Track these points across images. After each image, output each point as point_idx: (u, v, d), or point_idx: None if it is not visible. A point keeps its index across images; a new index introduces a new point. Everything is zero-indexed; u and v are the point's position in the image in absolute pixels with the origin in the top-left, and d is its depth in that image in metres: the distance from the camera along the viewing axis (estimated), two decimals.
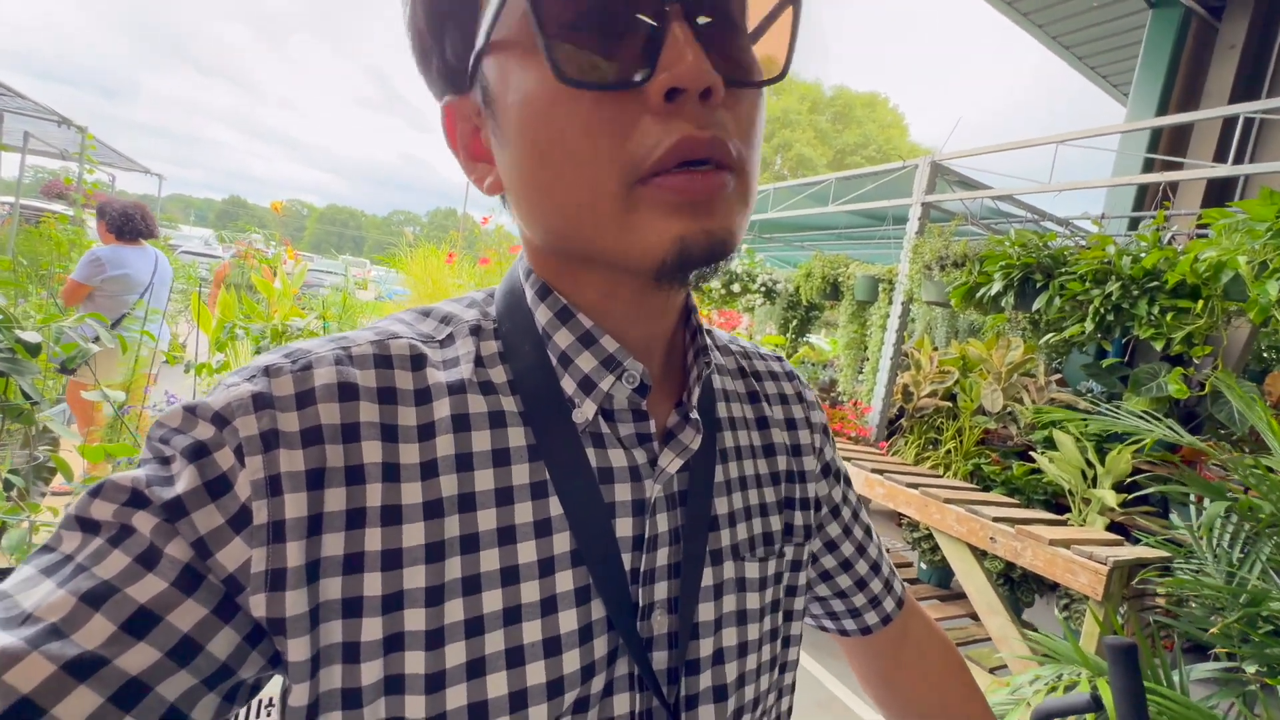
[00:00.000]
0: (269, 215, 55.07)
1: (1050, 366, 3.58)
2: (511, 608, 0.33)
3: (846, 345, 4.26)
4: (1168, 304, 2.17)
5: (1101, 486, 2.67)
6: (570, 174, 0.31)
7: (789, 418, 0.50)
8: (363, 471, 0.32)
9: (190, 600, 0.28)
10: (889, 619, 0.56)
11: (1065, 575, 1.73)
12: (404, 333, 0.37)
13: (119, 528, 0.28)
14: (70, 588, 0.27)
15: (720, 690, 0.39)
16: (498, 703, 0.32)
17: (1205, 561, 1.54)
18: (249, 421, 0.30)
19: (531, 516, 0.35)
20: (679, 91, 0.29)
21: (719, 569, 0.40)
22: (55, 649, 0.25)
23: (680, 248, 0.31)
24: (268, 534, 0.29)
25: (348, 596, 0.30)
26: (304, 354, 0.34)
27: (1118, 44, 5.09)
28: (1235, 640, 1.38)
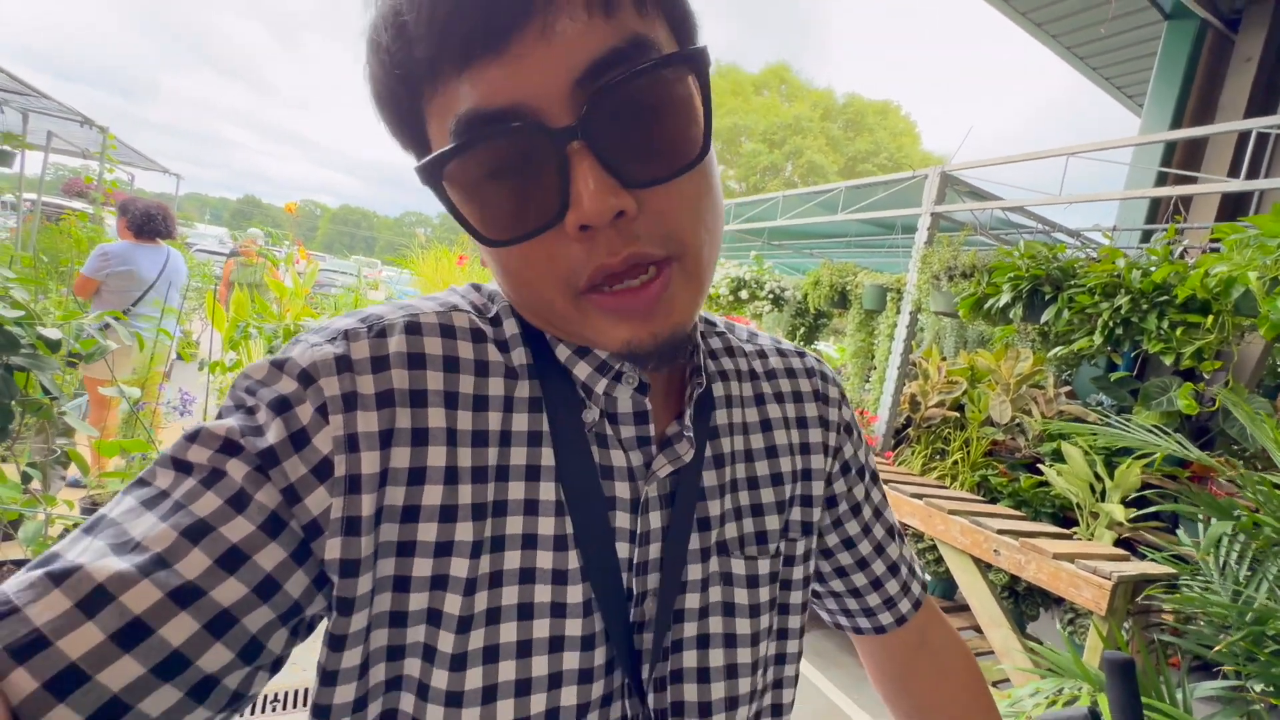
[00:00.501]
0: (283, 215, 55.54)
1: (1060, 379, 3.56)
2: (527, 569, 0.37)
3: (854, 354, 4.25)
4: (1178, 318, 2.15)
5: (1110, 501, 2.64)
6: (525, 288, 0.36)
7: (800, 416, 0.51)
8: (427, 434, 0.36)
9: (274, 543, 0.31)
10: (903, 620, 0.56)
11: (1069, 590, 1.72)
12: (463, 305, 0.41)
13: (210, 471, 0.31)
14: (172, 522, 0.30)
15: (704, 673, 0.42)
16: (507, 648, 0.36)
17: (1211, 579, 1.53)
18: (332, 382, 0.34)
19: (552, 496, 0.39)
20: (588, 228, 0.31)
21: (706, 564, 0.43)
22: (162, 577, 0.28)
23: (629, 350, 0.35)
24: (345, 485, 0.33)
25: (404, 540, 0.35)
26: (378, 319, 0.37)
27: (1132, 55, 5.06)
28: (1241, 659, 1.37)
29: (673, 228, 0.34)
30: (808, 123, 29.51)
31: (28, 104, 5.37)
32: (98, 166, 5.46)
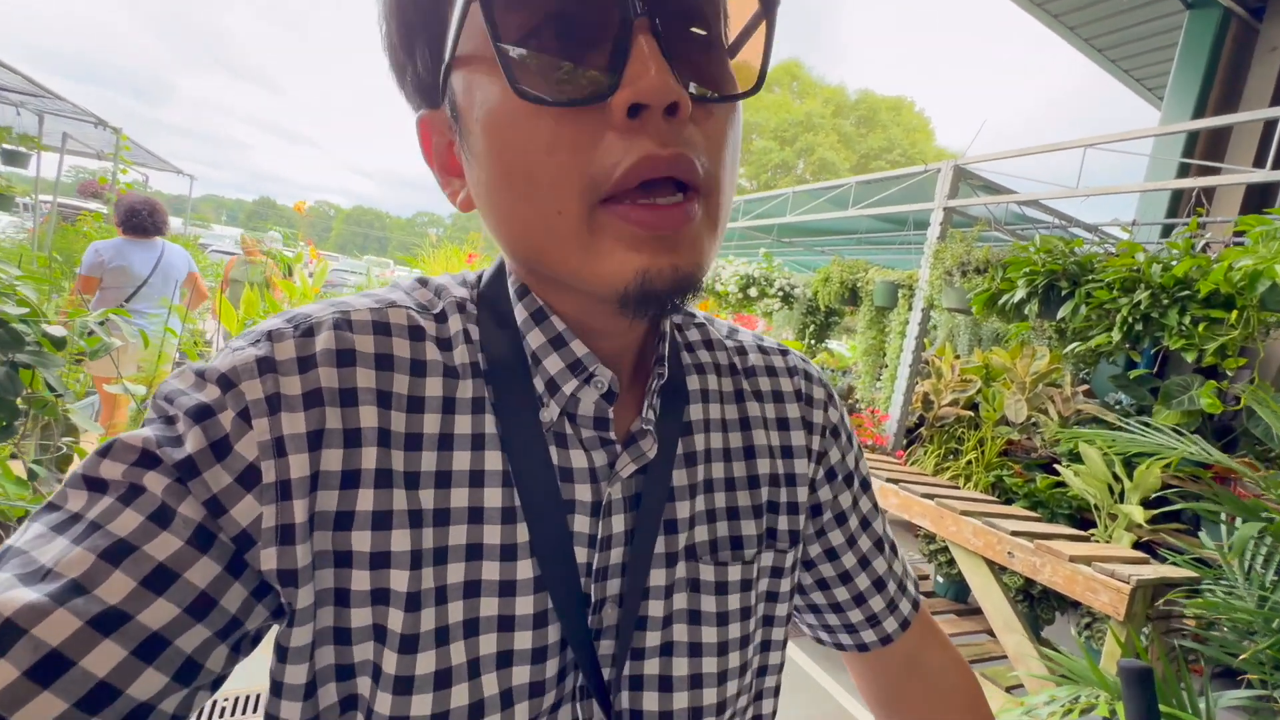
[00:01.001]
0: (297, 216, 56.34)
1: (1077, 377, 3.48)
2: (472, 581, 0.35)
3: (865, 352, 4.19)
4: (1200, 314, 2.08)
5: (1129, 502, 2.57)
6: (532, 193, 0.31)
7: (781, 417, 0.48)
8: (359, 435, 0.33)
9: (205, 558, 0.29)
10: (889, 640, 0.52)
11: (1086, 593, 1.66)
12: (402, 301, 0.38)
13: (128, 487, 0.29)
14: (88, 545, 0.27)
15: (665, 680, 0.40)
16: (459, 669, 0.34)
17: (1236, 583, 1.47)
18: (255, 385, 0.32)
19: (500, 502, 0.36)
20: (642, 107, 0.28)
21: (672, 570, 0.41)
22: (80, 605, 0.26)
23: (642, 281, 0.30)
24: (276, 492, 0.31)
25: (339, 549, 0.32)
26: (305, 318, 0.35)
27: (1152, 46, 4.94)
28: (1267, 667, 1.31)
29: (711, 157, 0.31)
30: (819, 119, 29.30)
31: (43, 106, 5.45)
32: (113, 168, 5.53)
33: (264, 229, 6.13)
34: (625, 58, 0.28)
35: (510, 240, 0.35)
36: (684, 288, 0.31)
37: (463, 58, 0.32)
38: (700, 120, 0.31)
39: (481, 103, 0.31)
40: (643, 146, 0.29)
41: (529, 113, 0.29)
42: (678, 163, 0.29)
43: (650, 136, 0.29)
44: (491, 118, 0.31)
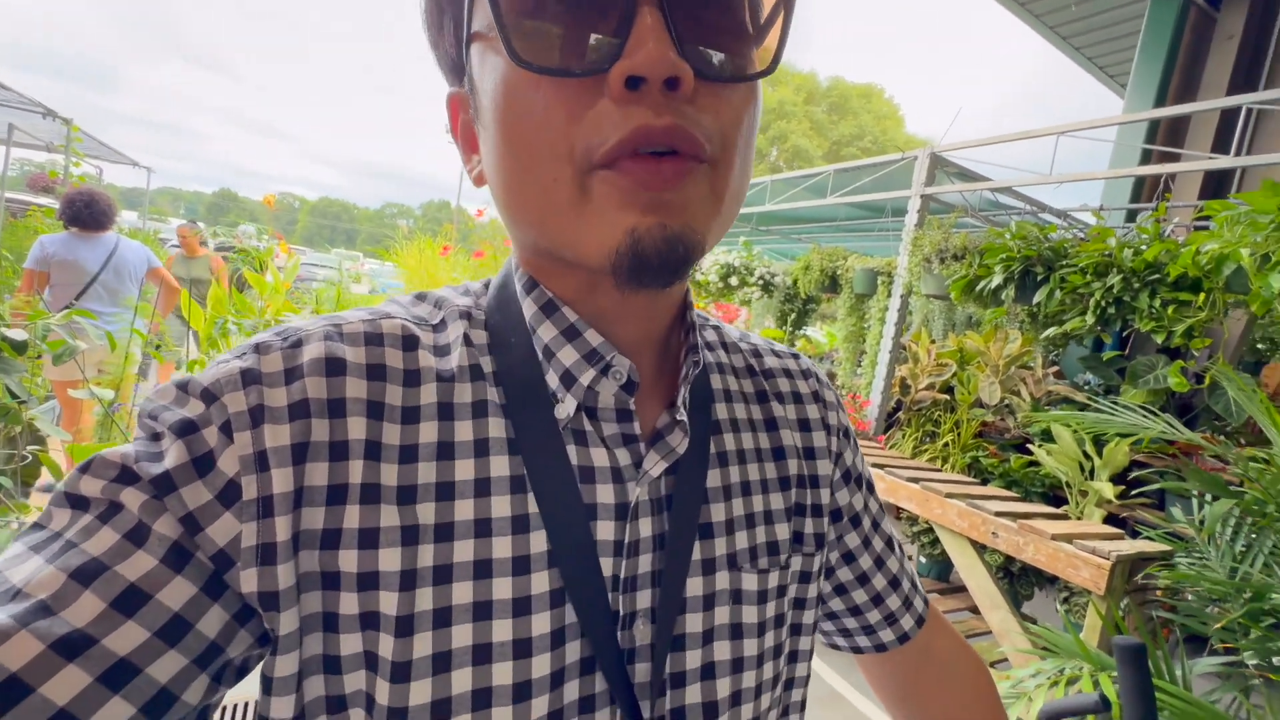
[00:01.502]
0: (260, 208, 54.70)
1: (1048, 359, 3.58)
2: (482, 602, 0.32)
3: (845, 338, 4.25)
4: (1169, 297, 2.16)
5: (1099, 479, 2.67)
6: (531, 162, 0.30)
7: (802, 418, 0.48)
8: (346, 447, 0.32)
9: (179, 578, 0.28)
10: (906, 638, 0.53)
11: (1068, 570, 1.72)
12: (397, 314, 0.37)
13: (108, 504, 0.28)
14: (60, 564, 0.26)
15: (710, 707, 0.37)
16: (461, 699, 0.31)
17: (1207, 555, 1.54)
18: (237, 398, 0.30)
19: (509, 511, 0.34)
20: (640, 80, 0.28)
21: (711, 579, 0.39)
22: (44, 627, 0.25)
23: (632, 241, 0.29)
24: (258, 509, 0.29)
25: (326, 570, 0.31)
26: (295, 331, 0.34)
27: (1116, 34, 5.07)
28: (1237, 634, 1.38)
29: (722, 136, 0.31)
30: (792, 107, 29.43)
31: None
32: (63, 160, 5.27)
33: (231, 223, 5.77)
34: (629, 31, 0.28)
35: (515, 213, 0.34)
36: (677, 250, 0.30)
37: (477, 32, 0.32)
38: (708, 100, 0.30)
39: (490, 74, 0.31)
40: (639, 115, 0.28)
41: (529, 83, 0.29)
42: (674, 133, 0.29)
43: (646, 107, 0.28)
44: (497, 89, 0.31)
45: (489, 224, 5.72)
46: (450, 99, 0.38)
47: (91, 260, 2.90)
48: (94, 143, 6.67)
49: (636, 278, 0.30)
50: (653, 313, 0.38)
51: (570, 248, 0.32)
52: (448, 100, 0.38)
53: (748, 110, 0.32)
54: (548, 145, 0.30)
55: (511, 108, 0.30)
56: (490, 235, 5.29)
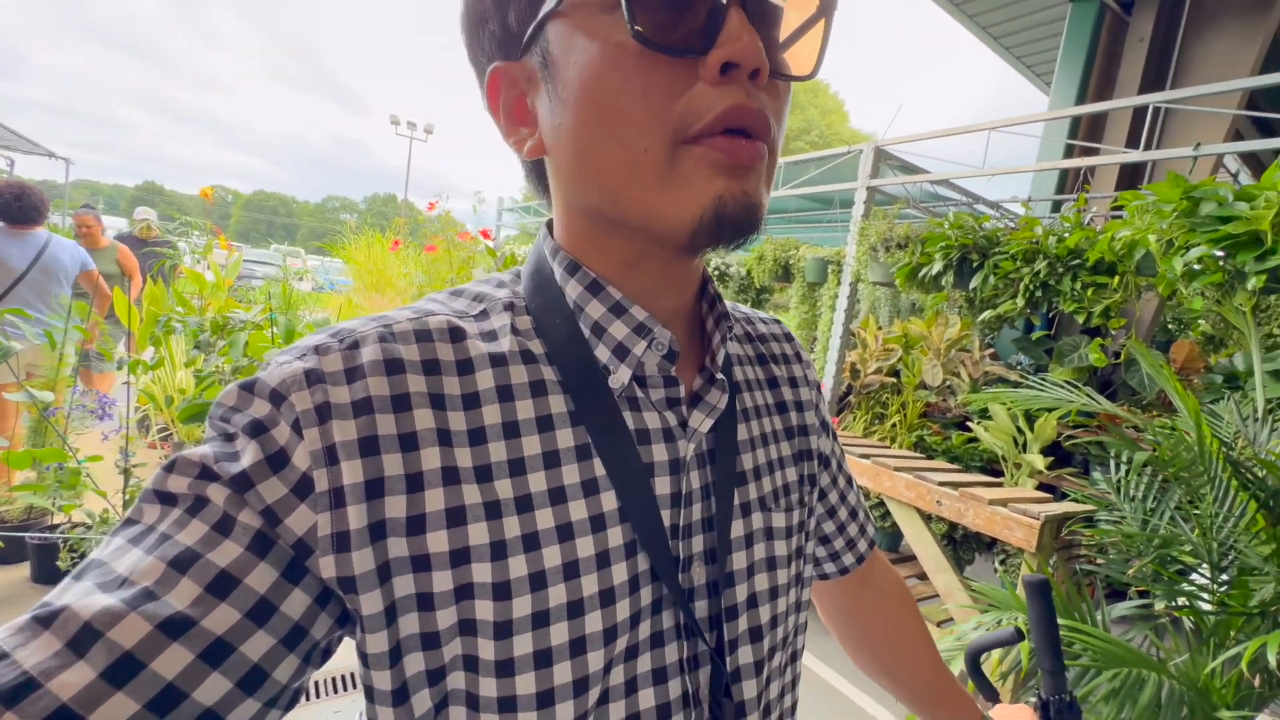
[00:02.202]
0: (190, 201, 51.35)
1: (984, 342, 3.81)
2: (570, 562, 0.35)
3: (798, 326, 4.40)
4: (1089, 280, 2.35)
5: (1031, 451, 2.88)
6: (622, 131, 0.33)
7: (792, 376, 0.54)
8: (416, 438, 0.34)
9: (264, 563, 0.30)
10: (862, 559, 0.61)
11: (1003, 531, 1.87)
12: (440, 310, 0.39)
13: (194, 499, 0.30)
14: (158, 554, 0.29)
15: (756, 631, 0.43)
16: (560, 649, 0.35)
17: (1124, 512, 1.70)
18: (303, 396, 0.32)
19: (579, 477, 0.37)
20: (733, 67, 0.32)
21: (748, 520, 0.44)
22: (151, 609, 0.27)
23: (718, 206, 0.33)
24: (330, 500, 0.31)
25: (415, 554, 0.33)
26: (349, 333, 0.36)
27: (1041, 35, 5.37)
28: (1149, 580, 1.54)
29: (776, 122, 0.35)
30: None
31: None
32: None
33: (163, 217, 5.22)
34: (720, 23, 0.32)
35: (587, 181, 0.37)
36: (753, 218, 0.34)
37: (566, 9, 0.34)
38: (769, 92, 0.35)
39: (583, 48, 0.34)
40: (735, 95, 0.33)
41: (630, 59, 0.33)
42: (760, 116, 0.34)
43: (739, 89, 0.33)
44: (592, 62, 0.33)
45: (440, 217, 5.57)
46: (493, 74, 0.39)
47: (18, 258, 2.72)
48: (3, 131, 6.18)
49: (714, 238, 0.34)
50: (686, 284, 0.42)
51: (648, 214, 0.35)
52: (489, 75, 0.39)
53: (788, 108, 0.37)
54: (643, 116, 0.33)
55: (609, 80, 0.33)
56: (441, 229, 5.14)
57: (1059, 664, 0.57)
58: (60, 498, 2.01)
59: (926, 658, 0.63)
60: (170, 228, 4.58)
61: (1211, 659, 1.38)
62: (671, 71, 0.33)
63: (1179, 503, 1.62)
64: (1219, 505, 1.46)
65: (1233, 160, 6.25)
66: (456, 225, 5.11)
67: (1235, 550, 1.42)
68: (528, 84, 0.38)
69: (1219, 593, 1.44)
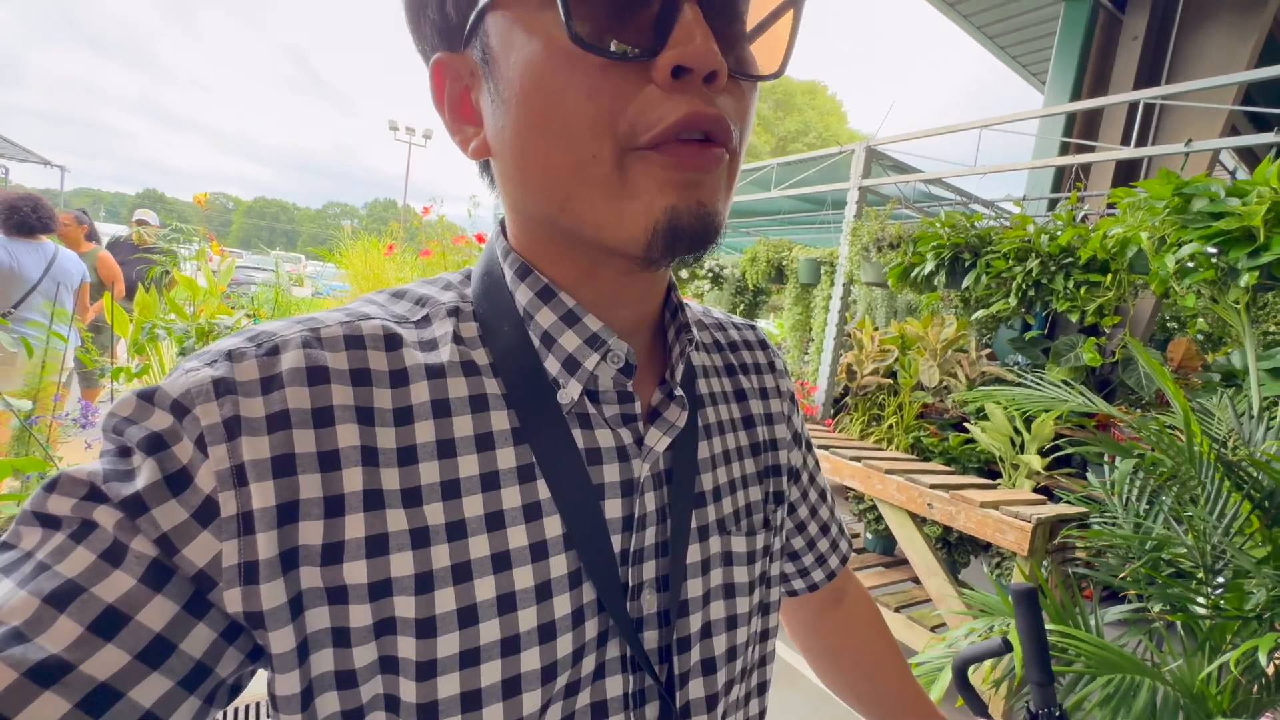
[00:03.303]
0: (190, 209, 51.82)
1: (981, 342, 3.78)
2: (505, 595, 0.32)
3: (792, 327, 4.37)
4: (1081, 278, 2.32)
5: (1028, 452, 2.85)
6: (566, 137, 0.30)
7: (763, 387, 0.51)
8: (338, 456, 0.30)
9: (160, 596, 0.27)
10: (833, 575, 0.59)
11: (995, 534, 1.84)
12: (376, 314, 0.36)
13: (80, 523, 0.27)
14: (32, 588, 0.25)
15: (709, 664, 0.40)
16: (491, 690, 0.32)
17: (1117, 514, 1.67)
18: (210, 409, 0.29)
19: (520, 501, 0.34)
20: (686, 70, 0.29)
21: (705, 544, 0.41)
22: (18, 654, 0.24)
23: (671, 219, 0.30)
24: (238, 526, 0.28)
25: (330, 585, 0.30)
26: (269, 336, 0.32)
27: (1036, 34, 5.36)
28: (1143, 583, 1.51)
29: (738, 125, 0.33)
30: None
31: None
32: None
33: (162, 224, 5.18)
34: (672, 22, 0.29)
35: (532, 188, 0.33)
36: (707, 228, 0.32)
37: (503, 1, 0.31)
38: (730, 93, 0.32)
39: (522, 45, 0.31)
40: (689, 103, 0.30)
41: (574, 61, 0.30)
42: (718, 123, 0.31)
43: (695, 95, 0.30)
44: (533, 61, 0.30)
45: (437, 222, 5.58)
46: (436, 65, 0.35)
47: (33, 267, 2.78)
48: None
49: (669, 251, 0.31)
50: (648, 294, 0.39)
51: (598, 226, 0.32)
52: (432, 67, 0.36)
53: (754, 107, 0.34)
54: (589, 122, 0.30)
55: (552, 82, 0.30)
56: (438, 233, 5.15)
57: (1048, 676, 0.55)
58: None
59: (895, 676, 0.60)
60: (164, 234, 4.54)
61: (1207, 664, 1.35)
62: (620, 73, 0.30)
63: (1172, 504, 1.59)
64: (1211, 507, 1.42)
65: (1230, 157, 6.23)
66: (453, 230, 5.11)
67: (1229, 553, 1.39)
68: (471, 78, 0.34)
69: (1213, 596, 1.41)
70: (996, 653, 0.59)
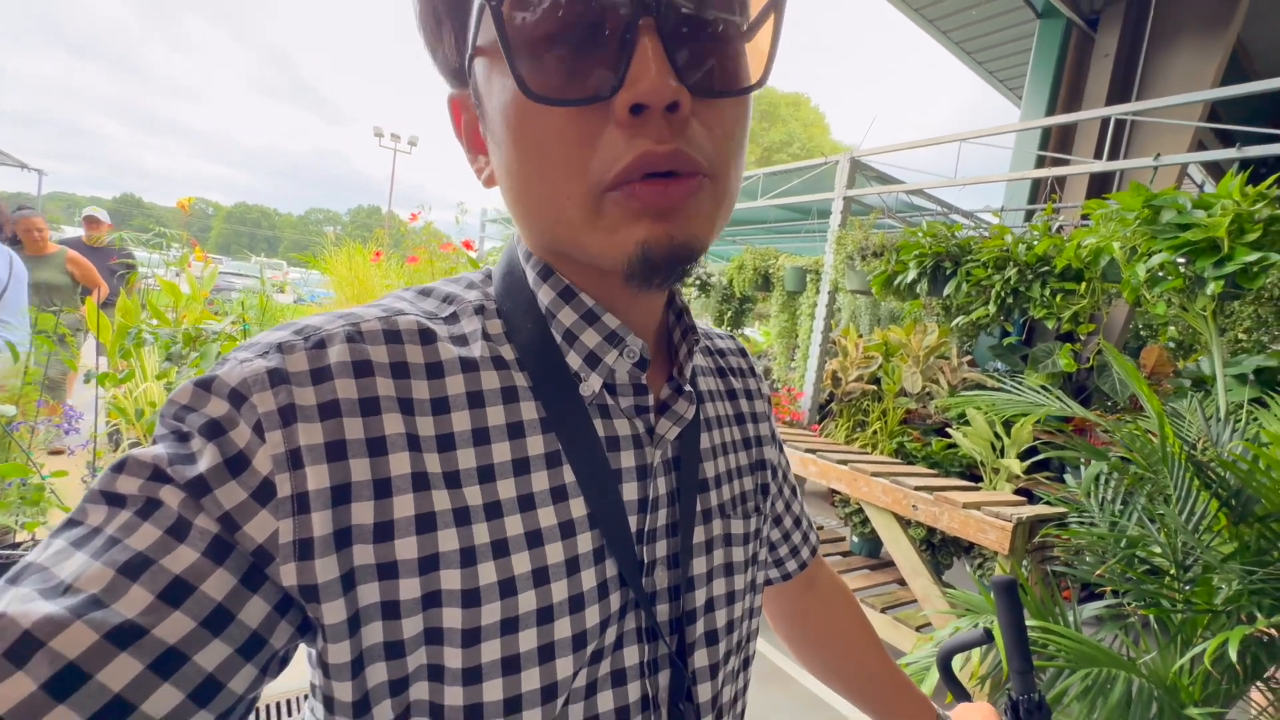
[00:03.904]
0: (170, 214, 50.98)
1: (962, 349, 3.87)
2: (540, 568, 0.35)
3: (779, 334, 4.43)
4: (1057, 286, 2.40)
5: (1008, 456, 2.92)
6: (544, 175, 0.33)
7: (747, 389, 0.55)
8: (385, 442, 0.32)
9: (221, 569, 0.29)
10: (805, 565, 0.63)
11: (977, 534, 1.89)
12: (409, 310, 0.38)
13: (145, 501, 0.29)
14: (106, 559, 0.27)
15: (712, 635, 0.43)
16: (529, 655, 0.34)
17: (1093, 514, 1.73)
18: (266, 397, 0.31)
19: (548, 484, 0.36)
20: (644, 107, 0.30)
21: (709, 526, 0.45)
22: (98, 618, 0.26)
23: (643, 252, 0.32)
24: (293, 505, 0.30)
25: (382, 561, 0.32)
26: (314, 330, 0.34)
27: (1012, 50, 5.53)
28: (1118, 580, 1.56)
29: (716, 147, 0.33)
30: None
31: None
32: None
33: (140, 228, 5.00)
34: (630, 57, 0.30)
35: (530, 217, 0.36)
36: (682, 257, 0.33)
37: (481, 48, 0.33)
38: (705, 113, 0.32)
39: (499, 92, 0.33)
40: (641, 145, 0.30)
41: (539, 108, 0.31)
42: (675, 158, 0.31)
43: (649, 134, 0.30)
44: (506, 108, 0.33)
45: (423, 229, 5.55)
46: (452, 101, 0.39)
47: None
48: None
49: (646, 281, 0.33)
50: (656, 299, 0.42)
51: (584, 253, 0.34)
52: (449, 101, 0.39)
53: (741, 120, 0.35)
54: (561, 164, 0.32)
55: (523, 128, 0.32)
56: (425, 240, 5.14)
57: (1028, 663, 0.57)
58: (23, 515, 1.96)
59: (871, 656, 0.63)
60: (144, 238, 4.46)
61: (1179, 657, 1.40)
62: (585, 116, 0.31)
63: (1146, 504, 1.65)
64: (1182, 506, 1.48)
65: (1198, 170, 6.44)
66: (440, 236, 5.10)
67: (1198, 550, 1.44)
68: (476, 114, 0.37)
69: (1184, 592, 1.46)
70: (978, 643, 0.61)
